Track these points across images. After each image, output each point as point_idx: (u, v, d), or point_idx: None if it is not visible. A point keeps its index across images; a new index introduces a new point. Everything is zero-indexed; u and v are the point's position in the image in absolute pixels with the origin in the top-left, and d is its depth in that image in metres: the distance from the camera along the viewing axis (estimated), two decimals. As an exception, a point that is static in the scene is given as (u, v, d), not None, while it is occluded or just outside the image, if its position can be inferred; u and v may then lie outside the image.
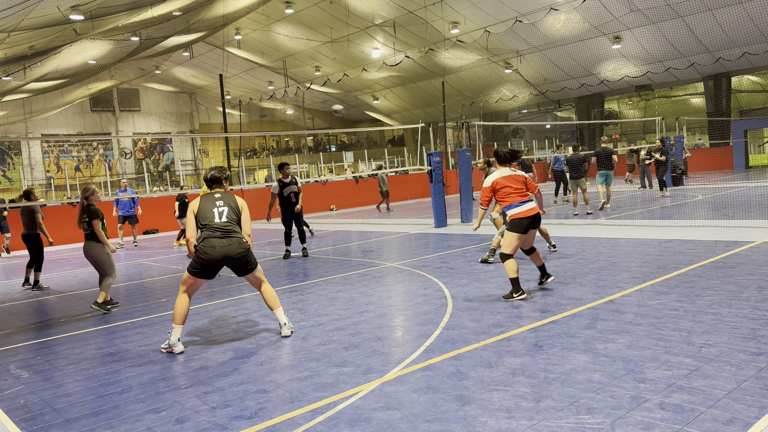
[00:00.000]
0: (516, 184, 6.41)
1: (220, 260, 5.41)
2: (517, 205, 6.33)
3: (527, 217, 6.29)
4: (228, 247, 5.40)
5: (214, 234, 5.42)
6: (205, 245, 5.40)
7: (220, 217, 5.49)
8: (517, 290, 6.24)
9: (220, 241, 5.40)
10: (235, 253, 5.43)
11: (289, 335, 5.64)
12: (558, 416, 3.45)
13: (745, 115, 32.19)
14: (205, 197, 5.60)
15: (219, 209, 5.52)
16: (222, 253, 5.38)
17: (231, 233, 5.46)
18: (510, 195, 6.37)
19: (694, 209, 13.35)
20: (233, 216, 5.55)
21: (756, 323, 4.85)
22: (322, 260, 10.56)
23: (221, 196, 5.61)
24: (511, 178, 6.44)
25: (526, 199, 6.38)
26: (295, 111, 45.99)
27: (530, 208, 6.31)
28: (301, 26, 31.08)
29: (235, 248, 5.43)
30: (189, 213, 5.57)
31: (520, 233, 6.31)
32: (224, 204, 5.56)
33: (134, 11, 20.18)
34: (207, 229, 5.46)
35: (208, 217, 5.48)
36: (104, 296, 7.58)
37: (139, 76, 38.54)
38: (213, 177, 5.74)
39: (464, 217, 14.55)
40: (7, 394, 4.66)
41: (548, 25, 27.22)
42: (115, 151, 42.32)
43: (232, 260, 5.46)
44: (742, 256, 7.58)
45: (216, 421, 3.80)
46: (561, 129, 40.68)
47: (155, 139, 43.68)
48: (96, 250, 7.61)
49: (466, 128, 18.13)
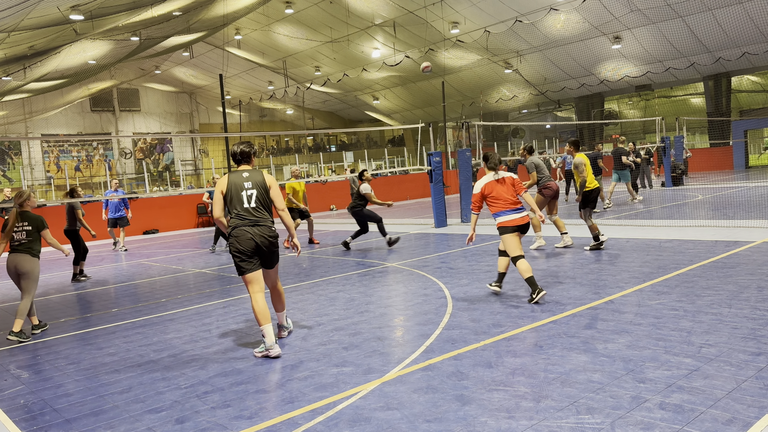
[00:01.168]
0: (505, 188, 6.45)
1: (255, 249, 5.20)
2: (506, 213, 6.39)
3: (514, 226, 6.35)
4: (259, 236, 5.19)
5: (243, 222, 5.21)
6: (236, 236, 5.19)
7: (249, 202, 5.24)
8: (535, 289, 6.13)
9: (251, 229, 5.19)
10: (267, 242, 5.23)
11: (286, 336, 5.63)
12: (558, 416, 3.45)
13: (745, 115, 32.19)
14: (234, 175, 5.30)
15: (248, 192, 5.24)
16: (254, 241, 5.18)
17: (260, 221, 5.23)
18: (498, 201, 6.42)
19: (694, 209, 13.35)
20: (262, 198, 5.29)
21: (756, 323, 4.85)
22: (322, 260, 10.55)
23: (249, 175, 5.30)
24: (499, 182, 6.49)
25: (517, 207, 6.40)
26: (295, 111, 45.99)
27: (519, 218, 6.35)
28: (301, 26, 31.08)
29: (267, 236, 5.23)
30: (217, 192, 5.27)
31: (512, 233, 6.36)
32: (252, 185, 5.26)
33: (134, 11, 20.18)
34: (236, 216, 5.25)
35: (237, 201, 5.24)
36: (21, 323, 6.41)
37: (139, 76, 38.53)
38: (243, 152, 5.39)
39: (464, 217, 14.56)
40: (7, 394, 4.66)
41: (548, 25, 27.22)
42: (115, 151, 42.31)
43: (263, 251, 5.25)
44: (742, 256, 7.58)
45: (216, 421, 3.80)
46: (561, 129, 40.68)
47: (155, 139, 43.68)
48: (29, 263, 6.59)
49: (466, 128, 18.12)
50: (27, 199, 6.84)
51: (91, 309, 7.86)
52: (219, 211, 5.28)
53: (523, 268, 6.20)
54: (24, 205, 6.80)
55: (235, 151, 5.43)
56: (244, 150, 5.42)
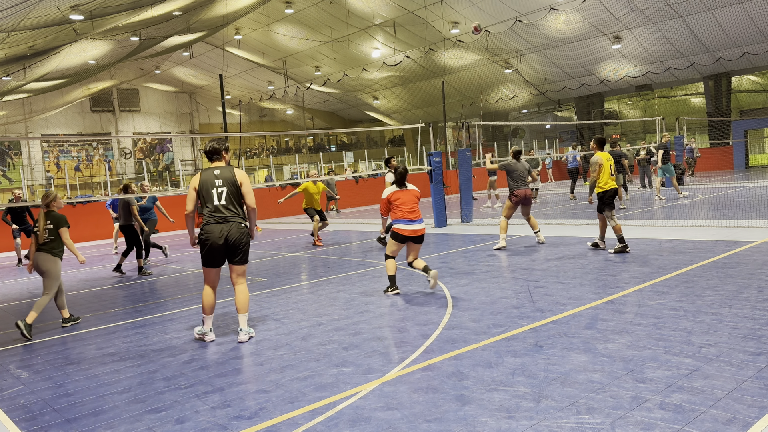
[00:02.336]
0: (409, 199, 7.09)
1: (222, 246, 5.44)
2: (404, 222, 7.00)
3: (408, 236, 7.01)
4: (228, 233, 5.42)
5: (214, 219, 5.44)
6: (205, 231, 5.44)
7: (219, 199, 5.45)
8: (391, 285, 7.13)
9: (220, 226, 5.42)
10: (234, 238, 5.45)
11: (246, 341, 5.55)
12: (558, 416, 3.45)
13: (745, 115, 32.18)
14: (206, 172, 5.53)
15: (218, 189, 5.45)
16: (222, 238, 5.42)
17: (230, 218, 5.46)
18: (400, 209, 7.04)
19: (694, 209, 13.35)
20: (233, 195, 5.49)
21: (756, 323, 4.85)
22: (322, 260, 10.55)
23: (221, 172, 5.51)
24: (407, 193, 7.15)
25: (415, 218, 7.01)
26: (295, 111, 45.99)
27: (414, 229, 6.99)
28: (301, 26, 31.08)
29: (234, 233, 5.45)
30: (190, 189, 5.54)
31: (399, 242, 7.09)
32: (223, 183, 5.47)
33: (134, 11, 20.18)
34: (207, 213, 5.47)
35: (208, 199, 5.46)
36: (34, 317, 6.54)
37: (139, 76, 38.54)
38: (213, 148, 5.60)
39: (464, 217, 14.55)
40: (7, 394, 4.66)
41: (548, 25, 27.22)
42: (114, 151, 42.31)
43: (229, 246, 5.47)
44: (742, 256, 7.58)
45: (216, 421, 3.80)
46: (561, 129, 40.67)
47: (155, 139, 43.68)
48: (49, 262, 6.77)
49: (466, 128, 18.13)
50: (53, 199, 7.03)
51: (91, 309, 7.86)
52: (191, 206, 5.54)
53: (390, 267, 7.15)
54: (50, 206, 6.98)
55: (205, 148, 5.63)
56: (215, 146, 5.59)
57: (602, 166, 8.92)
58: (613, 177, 9.01)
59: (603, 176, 8.93)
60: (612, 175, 8.99)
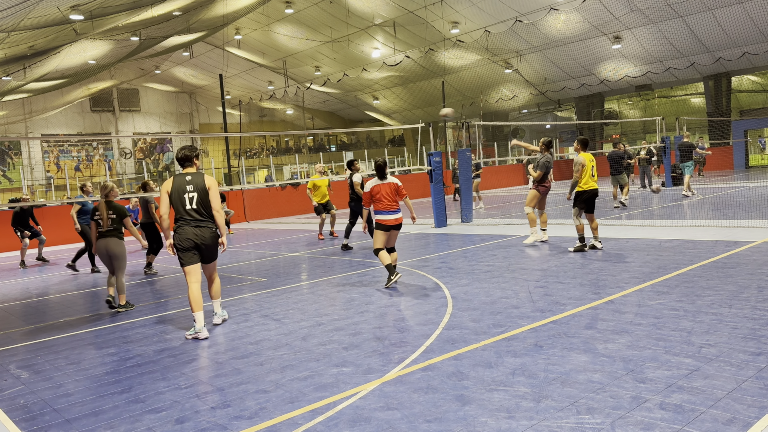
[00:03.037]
0: (388, 192, 7.66)
1: (194, 247, 5.91)
2: (384, 213, 7.63)
3: (389, 225, 7.60)
4: (201, 236, 5.91)
5: (187, 222, 5.89)
6: (179, 234, 5.89)
7: (191, 204, 5.88)
8: (391, 273, 7.43)
9: (193, 229, 5.88)
10: (207, 242, 5.95)
11: (220, 323, 6.29)
12: (558, 416, 3.45)
13: (745, 115, 32.19)
14: (177, 177, 5.97)
15: (189, 194, 5.88)
16: (194, 241, 5.89)
17: (201, 222, 5.91)
18: (381, 201, 7.65)
19: (694, 209, 13.36)
20: (203, 200, 5.92)
21: (756, 323, 4.85)
22: (322, 260, 10.56)
23: (192, 178, 5.93)
24: (385, 186, 7.68)
25: (394, 209, 7.63)
26: (295, 111, 45.98)
27: (394, 219, 7.61)
28: (301, 26, 31.08)
29: (207, 237, 5.95)
30: (163, 192, 5.95)
31: (383, 231, 7.63)
32: (194, 188, 5.89)
33: (134, 11, 20.18)
34: (179, 217, 5.92)
35: (179, 203, 5.88)
36: (124, 297, 7.61)
37: (139, 76, 38.53)
38: (185, 155, 6.00)
39: (464, 217, 14.55)
40: (7, 394, 4.66)
41: (548, 25, 27.22)
42: (114, 151, 42.32)
43: (202, 248, 5.95)
44: (742, 256, 7.58)
45: (216, 421, 3.80)
46: (561, 129, 40.68)
47: (155, 139, 43.69)
48: (119, 246, 7.66)
49: (466, 128, 18.13)
50: (111, 190, 7.90)
51: (91, 309, 7.86)
52: (164, 209, 5.98)
53: (384, 258, 7.56)
54: (109, 196, 7.85)
55: (177, 155, 6.06)
56: (187, 154, 6.01)
57: (585, 167, 8.98)
58: (594, 178, 9.07)
59: (584, 177, 8.97)
60: (593, 177, 9.05)
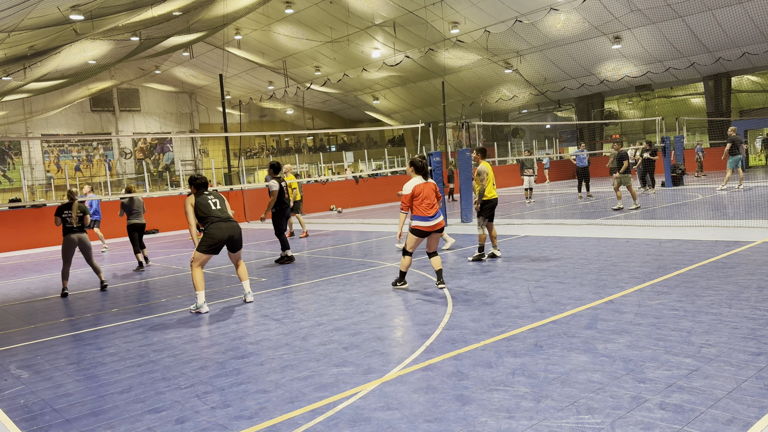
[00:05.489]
0: (429, 193, 7.13)
1: (227, 239, 7.05)
2: (423, 219, 7.05)
3: (428, 231, 7.09)
4: (232, 229, 7.12)
5: (220, 220, 7.06)
6: (214, 228, 7.00)
7: (215, 206, 7.14)
8: (401, 280, 7.39)
9: (225, 224, 7.09)
10: (237, 233, 7.16)
11: (252, 301, 7.29)
12: (558, 416, 3.45)
13: (745, 115, 32.19)
14: (199, 195, 7.18)
15: (212, 200, 7.19)
16: (228, 233, 7.05)
17: (230, 219, 7.18)
18: (422, 204, 7.06)
19: (694, 209, 13.35)
20: (224, 204, 7.27)
21: (756, 323, 4.85)
22: (322, 260, 10.56)
23: (209, 193, 7.29)
24: (428, 186, 7.16)
25: (434, 214, 7.08)
26: (295, 111, 45.99)
27: (435, 224, 7.08)
28: (301, 26, 31.09)
29: (237, 230, 7.18)
30: (188, 207, 7.06)
31: (420, 237, 7.15)
32: (215, 197, 7.26)
33: (134, 11, 20.19)
34: (210, 217, 7.04)
35: (208, 208, 7.08)
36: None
37: (139, 76, 38.54)
38: (204, 182, 7.33)
39: (464, 217, 14.56)
40: (7, 394, 4.66)
41: (548, 25, 27.22)
42: (115, 151, 42.32)
43: (233, 239, 7.12)
44: (742, 256, 7.58)
45: (216, 421, 3.80)
46: (561, 129, 40.67)
47: (155, 139, 43.69)
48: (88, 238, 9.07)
49: (466, 128, 18.12)
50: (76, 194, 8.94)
51: (91, 309, 7.86)
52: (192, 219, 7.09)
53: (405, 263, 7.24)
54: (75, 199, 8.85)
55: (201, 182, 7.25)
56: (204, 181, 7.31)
57: (489, 175, 8.95)
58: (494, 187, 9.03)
59: (488, 185, 8.94)
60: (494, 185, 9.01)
